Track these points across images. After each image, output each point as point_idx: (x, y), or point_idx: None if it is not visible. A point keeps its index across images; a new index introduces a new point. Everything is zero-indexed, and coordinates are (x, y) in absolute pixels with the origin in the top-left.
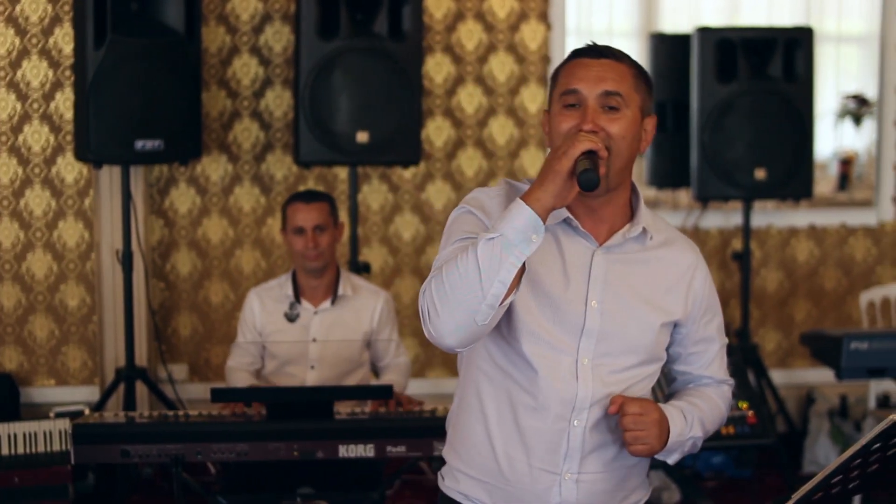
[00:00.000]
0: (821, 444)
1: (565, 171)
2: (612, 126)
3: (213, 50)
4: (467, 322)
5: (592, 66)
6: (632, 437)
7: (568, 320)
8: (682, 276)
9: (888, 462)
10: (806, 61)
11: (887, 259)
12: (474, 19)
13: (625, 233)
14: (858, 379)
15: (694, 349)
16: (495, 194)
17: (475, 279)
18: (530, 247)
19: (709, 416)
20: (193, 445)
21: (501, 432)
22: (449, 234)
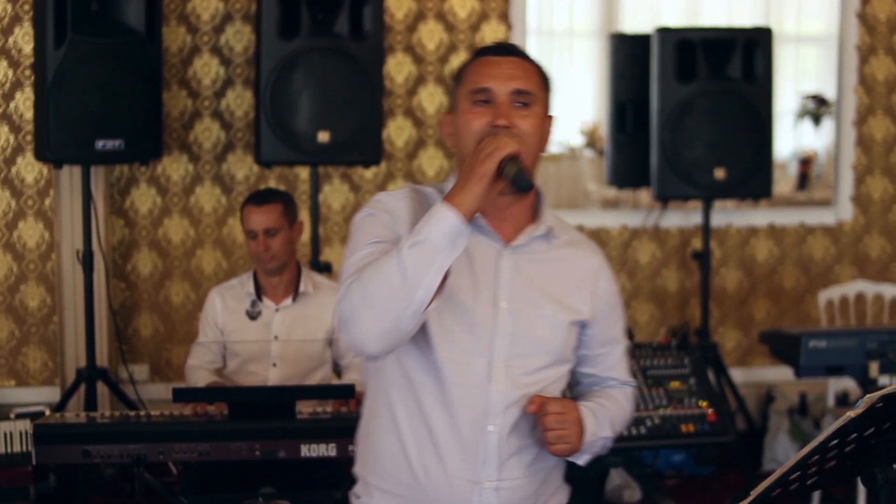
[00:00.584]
0: (780, 441)
1: (490, 174)
2: (524, 122)
3: (173, 49)
4: (391, 328)
5: (502, 63)
6: (554, 436)
7: (479, 322)
8: (588, 277)
9: (845, 458)
10: (765, 62)
11: (846, 258)
12: (435, 19)
13: (531, 232)
14: (817, 377)
15: (600, 351)
16: (401, 197)
17: (400, 285)
18: (455, 251)
19: (617, 418)
20: (155, 445)
21: (416, 442)
22: (357, 239)
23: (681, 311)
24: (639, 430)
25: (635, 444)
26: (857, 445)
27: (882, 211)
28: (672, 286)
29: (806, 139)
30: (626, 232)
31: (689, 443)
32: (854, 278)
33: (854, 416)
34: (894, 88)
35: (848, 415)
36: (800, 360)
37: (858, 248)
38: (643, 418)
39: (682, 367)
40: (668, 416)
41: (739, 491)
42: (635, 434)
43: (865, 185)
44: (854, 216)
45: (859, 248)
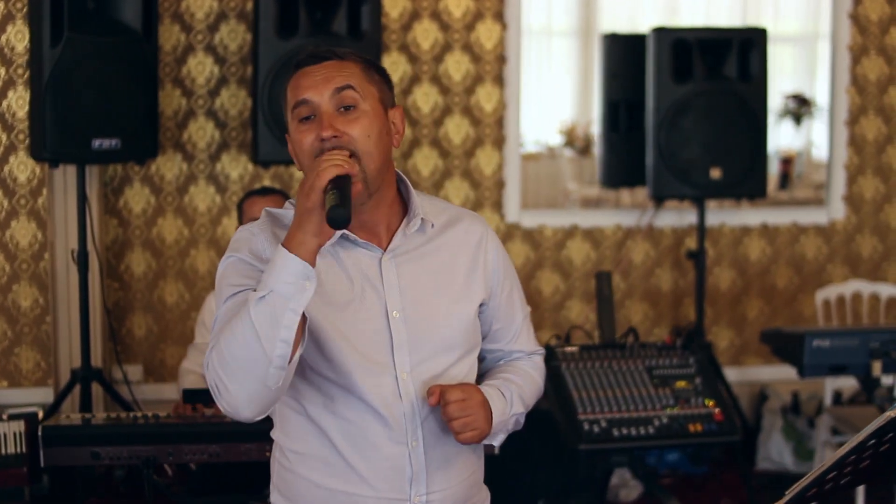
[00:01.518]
0: (774, 440)
1: (317, 207)
2: (353, 127)
3: (167, 48)
4: (259, 390)
5: (316, 71)
6: (460, 424)
7: (375, 338)
8: (475, 254)
9: (879, 458)
10: (760, 62)
11: (838, 257)
12: (430, 18)
13: (404, 230)
14: (820, 376)
15: (499, 325)
16: (258, 230)
17: (256, 345)
18: (305, 295)
19: (527, 391)
20: (165, 447)
21: (336, 473)
22: (220, 290)
23: (675, 310)
24: (647, 430)
25: (645, 444)
26: (892, 445)
27: (874, 210)
28: (666, 286)
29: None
30: (620, 231)
31: (698, 442)
32: (846, 277)
33: (894, 415)
34: (886, 89)
35: (888, 415)
36: (803, 360)
37: (850, 247)
38: (651, 418)
39: (688, 367)
40: (676, 415)
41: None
42: (644, 434)
43: (857, 184)
44: (846, 216)
45: (851, 248)
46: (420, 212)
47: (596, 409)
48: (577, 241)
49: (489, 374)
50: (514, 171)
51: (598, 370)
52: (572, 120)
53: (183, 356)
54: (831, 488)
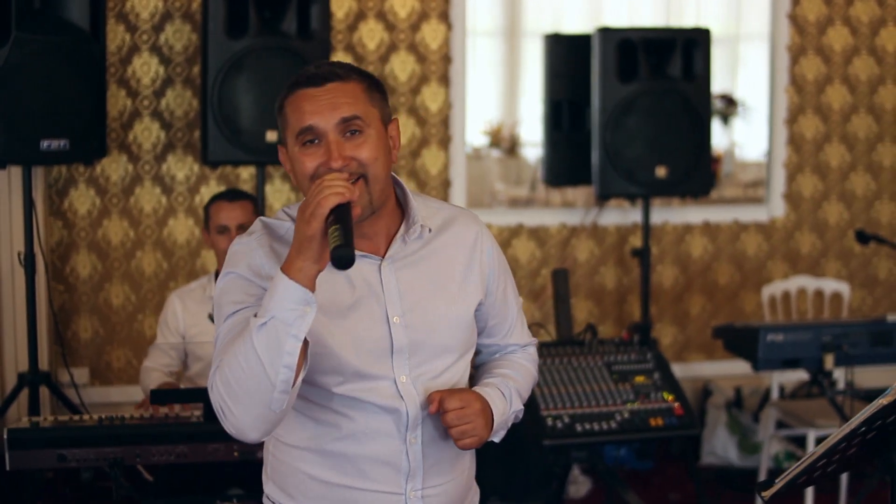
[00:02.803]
0: (718, 435)
1: (318, 235)
2: (361, 152)
3: (112, 48)
4: (263, 413)
5: (321, 95)
6: (458, 432)
7: (375, 344)
8: (471, 253)
9: (865, 445)
10: (703, 61)
11: (778, 254)
12: (376, 19)
13: (403, 237)
14: (774, 370)
15: (494, 321)
16: (256, 244)
17: (259, 371)
18: (306, 321)
19: (523, 385)
20: (132, 448)
21: (334, 467)
22: (220, 308)
23: (619, 307)
24: (609, 425)
25: (607, 439)
26: (878, 433)
27: (812, 208)
28: (610, 283)
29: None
30: (565, 230)
31: (659, 436)
32: (786, 274)
33: (886, 402)
34: (823, 88)
35: (880, 402)
36: (758, 354)
37: (790, 244)
38: (612, 413)
39: (646, 363)
40: (637, 410)
41: (681, 485)
42: (606, 429)
43: (796, 182)
44: (786, 213)
45: (791, 245)
46: (419, 219)
47: (558, 405)
48: (522, 240)
49: (486, 368)
50: (461, 170)
51: (559, 366)
52: (498, 120)
53: (130, 358)
54: (819, 475)
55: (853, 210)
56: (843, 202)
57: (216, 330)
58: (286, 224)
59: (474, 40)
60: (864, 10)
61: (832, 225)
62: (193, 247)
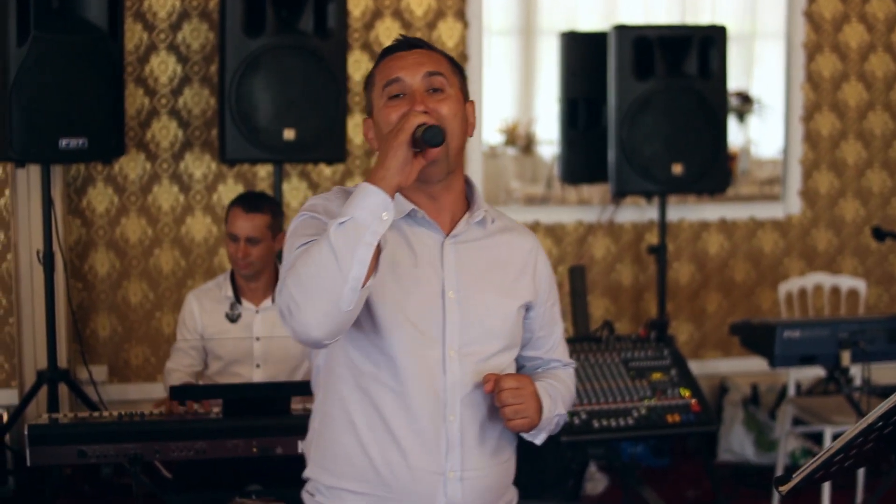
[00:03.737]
0: (735, 432)
1: (404, 144)
2: (442, 107)
3: (130, 47)
4: (332, 310)
5: (408, 55)
6: (512, 410)
7: (429, 313)
8: (526, 259)
9: (882, 440)
10: (719, 59)
11: (794, 251)
12: (392, 17)
13: (468, 219)
14: (791, 367)
15: (541, 332)
16: (334, 197)
17: (333, 265)
18: (382, 225)
19: (566, 397)
20: (151, 444)
21: (375, 439)
22: (292, 241)
23: (635, 305)
24: (626, 422)
25: (625, 435)
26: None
27: (828, 205)
28: (626, 280)
29: None
30: (581, 227)
31: (676, 433)
32: (803, 271)
33: None
34: (839, 85)
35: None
36: (774, 351)
37: (806, 241)
38: (629, 409)
39: (663, 359)
40: (654, 406)
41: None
42: (623, 425)
43: (813, 179)
44: (802, 210)
45: (807, 242)
46: (483, 206)
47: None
48: (539, 238)
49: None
50: (477, 167)
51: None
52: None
53: (148, 355)
54: (836, 471)
55: (869, 207)
56: (860, 199)
57: (284, 261)
58: None
59: (490, 38)
60: (881, 7)
61: (848, 222)
62: (211, 244)
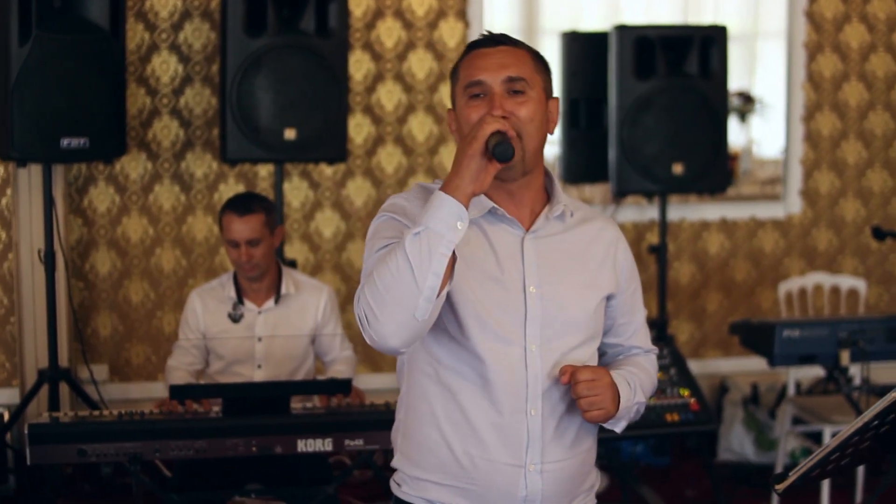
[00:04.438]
0: (735, 431)
1: (478, 153)
2: (521, 110)
3: (131, 47)
4: (407, 319)
5: (492, 54)
6: (587, 402)
7: (510, 309)
8: (608, 250)
9: (878, 439)
10: (720, 59)
11: (795, 251)
12: (393, 17)
13: (547, 214)
14: (790, 366)
15: (622, 320)
16: (414, 197)
17: (408, 275)
18: (457, 234)
19: (646, 384)
20: (151, 443)
21: (457, 432)
22: (372, 243)
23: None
24: None
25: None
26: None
27: (829, 205)
28: None
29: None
30: None
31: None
32: (803, 271)
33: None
34: (840, 85)
35: (892, 396)
36: (774, 350)
37: (807, 241)
38: None
39: (662, 358)
40: (653, 405)
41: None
42: None
43: (813, 179)
44: (802, 210)
45: (808, 241)
46: (563, 200)
47: None
48: None
49: (611, 366)
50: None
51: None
52: None
53: (149, 354)
54: (833, 469)
55: (870, 207)
56: (860, 199)
57: (364, 264)
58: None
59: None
60: (882, 7)
61: (849, 222)
62: (212, 244)
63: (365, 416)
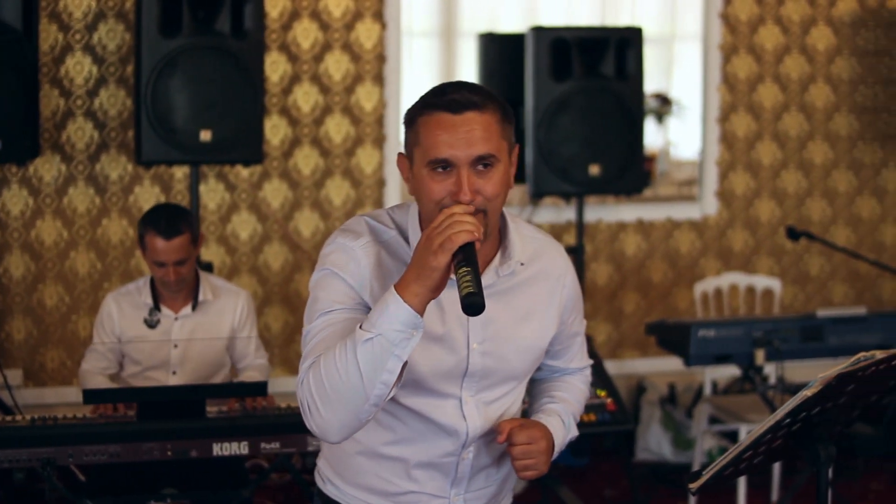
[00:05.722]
0: (653, 431)
1: (443, 268)
2: (488, 187)
3: (45, 48)
4: (351, 421)
5: (458, 125)
6: (521, 465)
7: (450, 368)
8: (554, 286)
9: (790, 437)
10: (636, 60)
11: (711, 251)
12: (310, 18)
13: (497, 269)
14: (706, 366)
15: (562, 346)
16: (363, 254)
17: (357, 382)
18: (411, 343)
19: (577, 408)
20: (65, 448)
21: (387, 466)
22: (315, 301)
23: None
24: None
25: None
26: (803, 424)
27: (744, 205)
28: None
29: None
30: None
31: (592, 431)
32: (719, 271)
33: (810, 394)
34: (755, 87)
35: (804, 394)
36: (689, 350)
37: (723, 241)
38: None
39: None
40: None
41: (616, 482)
42: None
43: (728, 180)
44: (718, 211)
45: (723, 242)
46: (515, 252)
47: None
48: None
49: (544, 388)
50: (395, 169)
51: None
52: None
53: (64, 359)
54: (745, 467)
55: (785, 207)
56: (775, 199)
57: (306, 324)
58: (391, 232)
59: (411, 40)
60: (795, 10)
61: (764, 222)
62: (127, 247)
63: (282, 419)
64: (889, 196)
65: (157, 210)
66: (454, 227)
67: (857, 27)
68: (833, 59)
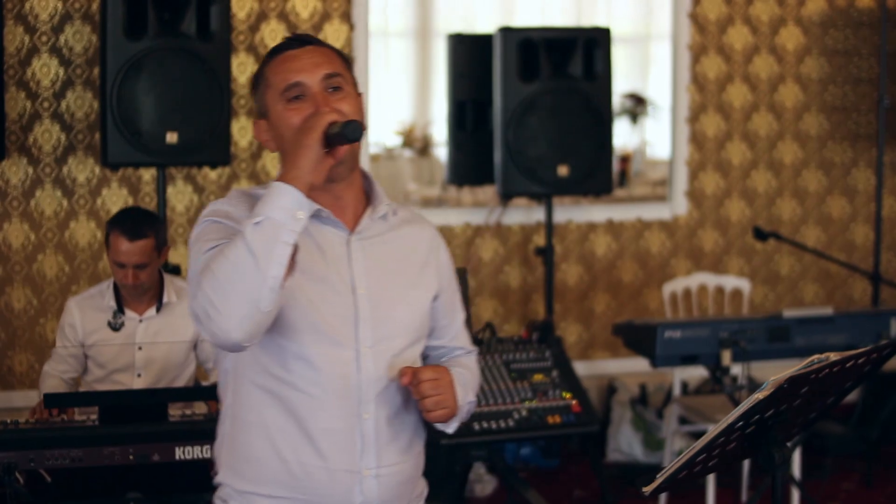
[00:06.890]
0: (623, 432)
1: (316, 143)
2: (343, 105)
3: (11, 50)
4: (251, 311)
5: (302, 55)
6: (433, 402)
7: (341, 311)
8: (430, 250)
9: (744, 439)
10: (604, 61)
11: (681, 251)
12: (277, 19)
13: (371, 215)
14: (672, 366)
15: (444, 321)
16: (237, 202)
17: (251, 265)
18: (298, 224)
19: (473, 383)
20: (26, 453)
21: (290, 443)
22: (198, 246)
23: (524, 306)
24: (507, 423)
25: (505, 437)
26: (757, 427)
27: (714, 205)
28: (515, 282)
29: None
30: (469, 230)
31: (557, 433)
32: (689, 271)
33: (762, 397)
34: (725, 87)
35: (756, 397)
36: (655, 351)
37: (693, 241)
38: (510, 411)
39: (544, 360)
40: (535, 408)
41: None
42: (504, 427)
43: (699, 180)
44: (688, 211)
45: (694, 242)
46: (384, 200)
47: None
48: None
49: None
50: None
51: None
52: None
53: (32, 362)
54: (700, 470)
55: (755, 207)
56: (745, 199)
57: (190, 267)
58: (262, 190)
59: (386, 41)
60: (764, 10)
61: (734, 222)
62: (95, 250)
63: None
64: (859, 196)
65: (126, 211)
66: (320, 112)
67: (827, 27)
68: (802, 59)
